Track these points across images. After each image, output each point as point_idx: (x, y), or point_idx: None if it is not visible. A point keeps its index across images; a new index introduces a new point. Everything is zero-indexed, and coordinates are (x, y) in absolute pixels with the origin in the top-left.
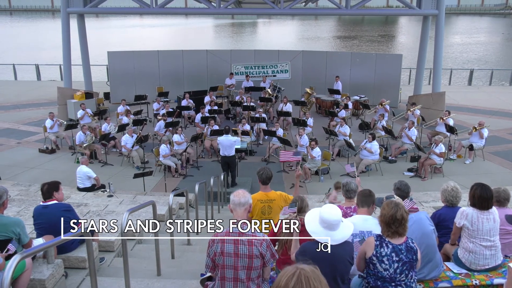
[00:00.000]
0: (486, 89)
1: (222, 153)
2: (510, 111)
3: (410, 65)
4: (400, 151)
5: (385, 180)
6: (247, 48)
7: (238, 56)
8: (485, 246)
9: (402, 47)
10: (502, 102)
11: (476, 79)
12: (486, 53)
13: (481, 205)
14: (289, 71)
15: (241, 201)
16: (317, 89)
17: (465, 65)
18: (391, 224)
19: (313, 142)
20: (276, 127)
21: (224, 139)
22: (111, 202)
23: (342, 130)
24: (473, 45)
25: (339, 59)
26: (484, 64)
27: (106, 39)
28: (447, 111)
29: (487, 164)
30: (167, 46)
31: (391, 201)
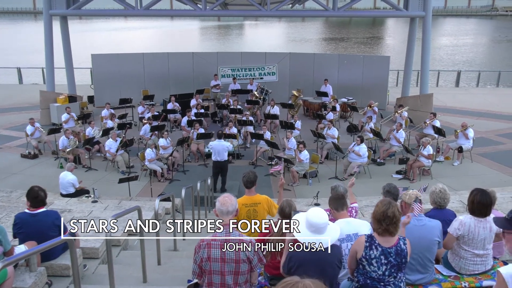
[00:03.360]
0: (474, 91)
1: (214, 158)
2: (498, 112)
3: (398, 67)
4: (389, 153)
5: (373, 183)
6: (233, 50)
7: (224, 58)
8: (477, 254)
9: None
10: (489, 103)
11: (463, 80)
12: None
13: (480, 212)
14: (276, 73)
15: (229, 210)
16: (304, 92)
17: (452, 66)
18: (382, 221)
19: (301, 145)
20: (263, 130)
21: (217, 144)
22: (96, 208)
23: (330, 132)
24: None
25: (327, 61)
26: (471, 66)
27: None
28: (432, 113)
29: (475, 166)
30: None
31: (385, 199)
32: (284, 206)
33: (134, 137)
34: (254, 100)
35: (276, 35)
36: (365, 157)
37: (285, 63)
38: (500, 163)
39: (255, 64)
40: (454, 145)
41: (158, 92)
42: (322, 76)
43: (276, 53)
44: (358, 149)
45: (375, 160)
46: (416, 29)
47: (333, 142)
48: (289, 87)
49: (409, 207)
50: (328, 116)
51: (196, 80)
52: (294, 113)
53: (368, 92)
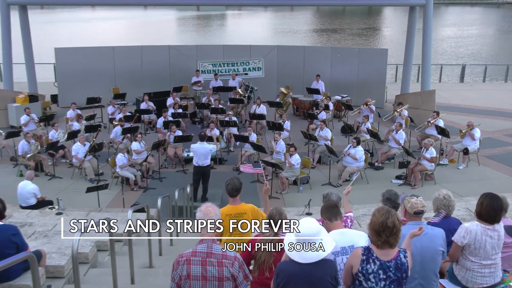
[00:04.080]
0: (480, 87)
1: (195, 162)
2: (506, 110)
3: (397, 61)
4: (387, 156)
5: (371, 189)
6: (215, 43)
7: (204, 52)
8: (485, 265)
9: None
10: (497, 100)
11: (468, 75)
12: (479, 47)
13: (488, 216)
14: (262, 68)
15: None
16: (294, 89)
17: (456, 60)
18: (381, 232)
19: (291, 148)
20: (248, 132)
21: (199, 147)
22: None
23: (323, 134)
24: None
25: (318, 54)
26: (477, 59)
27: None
28: (435, 112)
29: (483, 169)
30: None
31: (383, 207)
32: (274, 214)
33: (104, 140)
34: (238, 99)
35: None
36: (361, 160)
37: (272, 57)
38: (510, 165)
39: (238, 58)
40: (459, 147)
41: (131, 90)
42: (313, 72)
43: (262, 46)
44: (354, 152)
45: (372, 164)
46: (416, 19)
47: (326, 144)
48: (277, 83)
49: (410, 217)
50: (320, 116)
51: (173, 76)
52: (283, 112)
53: (364, 89)
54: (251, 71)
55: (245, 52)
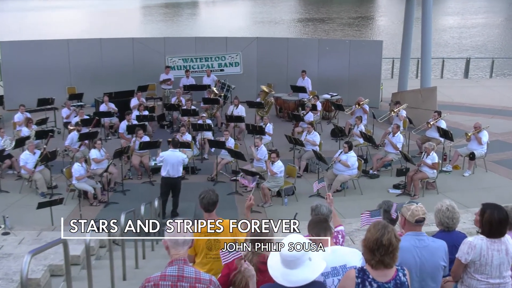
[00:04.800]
0: (486, 83)
1: (165, 173)
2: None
3: (393, 55)
4: (383, 162)
5: (365, 200)
6: (185, 35)
7: (174, 45)
8: (493, 284)
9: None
10: (505, 98)
11: (473, 70)
12: (485, 38)
13: (496, 231)
14: (240, 64)
15: (185, 240)
16: (276, 87)
17: (460, 53)
18: (375, 250)
19: (274, 154)
20: (225, 137)
21: (171, 155)
22: (8, 241)
23: (310, 138)
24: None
25: (304, 47)
26: (483, 52)
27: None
28: (437, 112)
29: (491, 176)
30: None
31: (379, 222)
32: None
33: (58, 148)
34: (212, 99)
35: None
36: (354, 168)
37: (252, 51)
38: None
39: (213, 52)
40: (464, 151)
41: (89, 90)
42: (298, 67)
43: (239, 38)
44: (346, 159)
45: (367, 171)
46: (414, 6)
47: (314, 150)
48: (257, 81)
49: (410, 227)
50: (307, 118)
51: (138, 73)
52: (264, 114)
53: (357, 86)
54: (227, 66)
55: (221, 45)
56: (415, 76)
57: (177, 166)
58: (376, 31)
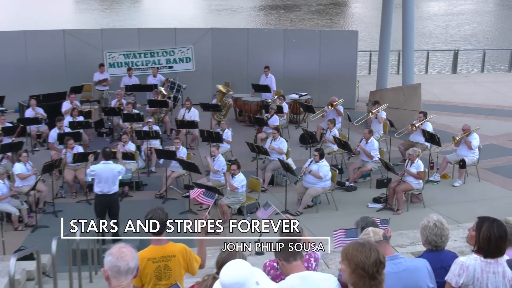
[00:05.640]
0: (478, 78)
1: (98, 190)
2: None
3: (370, 47)
4: (361, 173)
5: (341, 217)
6: (127, 26)
7: (113, 38)
8: None
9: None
10: (500, 95)
11: (462, 64)
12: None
13: (495, 249)
14: (192, 59)
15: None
16: (235, 86)
17: (447, 45)
18: (375, 273)
19: (234, 165)
20: (175, 145)
21: (103, 168)
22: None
23: (276, 145)
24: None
25: (267, 39)
26: (472, 43)
27: None
28: (422, 112)
29: (484, 186)
30: (0, 25)
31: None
32: (224, 258)
33: None
34: (160, 101)
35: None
36: (327, 179)
37: (206, 44)
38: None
39: (160, 46)
40: (453, 158)
41: (11, 93)
42: (260, 62)
43: (191, 29)
44: (317, 169)
45: (342, 183)
46: None
47: (281, 159)
48: (213, 79)
49: None
50: (271, 122)
51: (70, 72)
52: (221, 118)
53: (329, 85)
54: (177, 63)
55: (169, 38)
56: (396, 72)
57: (111, 180)
58: (350, 19)
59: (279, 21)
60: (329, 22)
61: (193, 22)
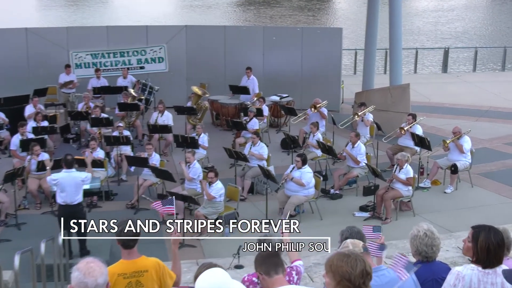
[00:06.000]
0: (469, 78)
1: (60, 200)
2: (506, 109)
3: (356, 45)
4: (347, 179)
5: (325, 227)
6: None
7: (80, 37)
8: None
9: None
10: (493, 96)
11: (454, 62)
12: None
13: (494, 258)
14: (165, 59)
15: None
16: (212, 87)
17: (437, 42)
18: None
19: (211, 173)
20: (148, 152)
21: (65, 177)
22: None
23: (255, 151)
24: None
25: (245, 37)
26: (464, 41)
27: None
28: (411, 114)
29: (477, 192)
30: None
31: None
32: None
33: None
34: (131, 104)
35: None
36: (310, 187)
37: (180, 43)
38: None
39: (130, 45)
40: (444, 163)
41: None
42: (238, 62)
43: (164, 27)
44: (300, 175)
45: (327, 191)
46: None
47: (261, 165)
48: (187, 80)
49: None
50: (250, 125)
51: (34, 74)
52: (197, 122)
53: (312, 85)
54: (149, 63)
55: (140, 36)
56: (383, 71)
57: (75, 190)
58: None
59: (258, 18)
60: (312, 18)
61: (166, 19)
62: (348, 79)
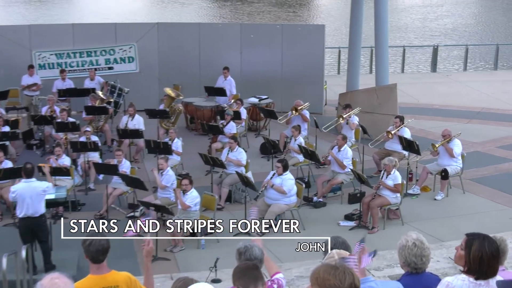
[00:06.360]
0: (460, 77)
1: (20, 212)
2: (499, 110)
3: (339, 43)
4: (331, 186)
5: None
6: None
7: (43, 35)
8: None
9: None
10: (485, 96)
11: (443, 61)
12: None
13: (488, 269)
14: (136, 59)
15: None
16: (186, 89)
17: (425, 40)
18: None
19: (185, 180)
20: (117, 158)
21: (25, 188)
22: None
23: (233, 156)
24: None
25: (221, 35)
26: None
27: None
28: (398, 117)
29: (469, 199)
30: None
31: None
32: None
33: None
34: (99, 107)
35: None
36: (292, 194)
37: (151, 42)
38: (507, 192)
39: (98, 44)
40: (434, 168)
41: None
42: (214, 62)
43: (134, 24)
44: (281, 182)
45: (309, 199)
46: None
47: (239, 172)
48: (160, 82)
49: None
50: (228, 129)
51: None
52: (170, 126)
53: (293, 86)
54: (118, 63)
55: (108, 35)
56: (369, 71)
57: (36, 201)
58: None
59: (235, 15)
60: (292, 15)
61: (136, 16)
62: (332, 79)
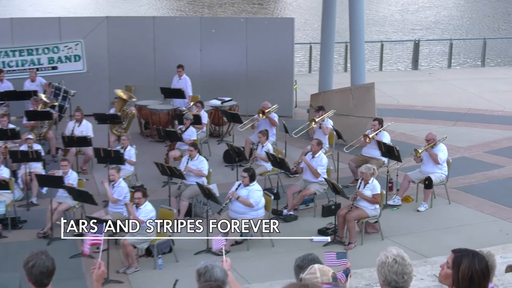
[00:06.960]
0: (444, 75)
1: None
2: (487, 111)
3: (310, 38)
4: (303, 197)
5: (278, 255)
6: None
7: None
8: None
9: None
10: (472, 96)
11: (425, 57)
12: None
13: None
14: (83, 57)
15: None
16: (139, 91)
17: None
18: None
19: (139, 193)
20: (63, 169)
21: None
22: None
23: (193, 166)
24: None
25: (179, 30)
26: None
27: None
28: (376, 119)
29: (456, 210)
30: None
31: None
32: None
33: None
34: (41, 112)
35: None
36: (259, 207)
37: (100, 38)
38: (496, 201)
39: (40, 41)
40: (416, 176)
41: None
42: (171, 60)
43: (80, 19)
44: (247, 194)
45: (279, 212)
46: None
47: (200, 183)
48: (110, 83)
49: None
50: (187, 136)
51: None
52: (122, 132)
53: (259, 86)
54: (62, 62)
55: (52, 30)
56: (343, 69)
57: None
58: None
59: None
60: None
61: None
62: (302, 79)
